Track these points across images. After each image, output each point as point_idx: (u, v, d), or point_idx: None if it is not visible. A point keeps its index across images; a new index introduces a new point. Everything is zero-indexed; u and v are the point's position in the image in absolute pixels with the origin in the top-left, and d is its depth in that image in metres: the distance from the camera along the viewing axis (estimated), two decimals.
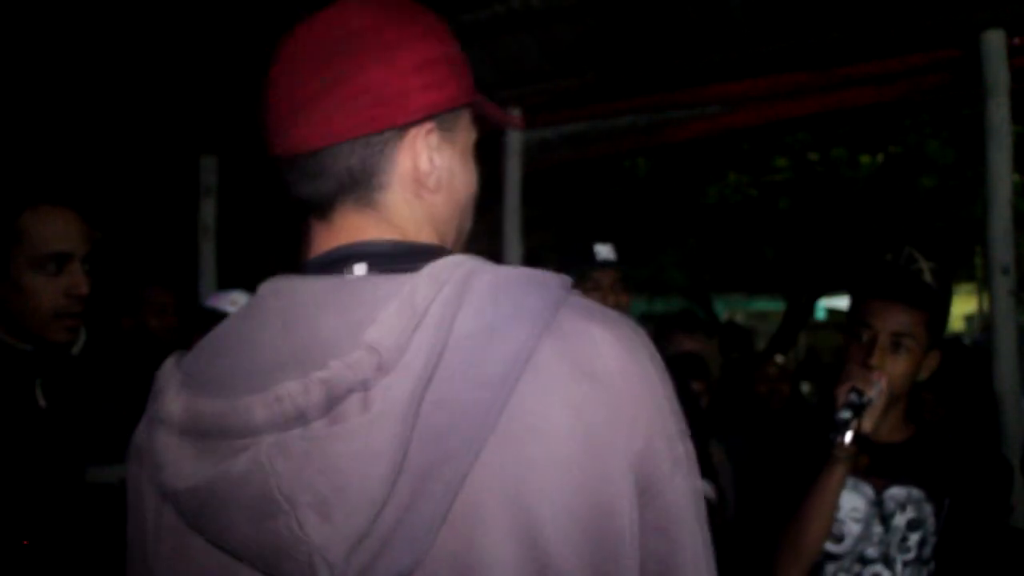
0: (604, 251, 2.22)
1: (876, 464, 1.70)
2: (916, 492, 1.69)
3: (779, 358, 4.04)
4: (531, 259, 3.56)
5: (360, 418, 0.68)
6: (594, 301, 0.82)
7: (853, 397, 1.62)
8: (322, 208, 0.83)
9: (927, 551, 1.68)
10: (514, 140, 3.61)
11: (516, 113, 3.59)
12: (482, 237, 0.68)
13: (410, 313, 0.71)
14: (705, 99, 3.60)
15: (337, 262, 0.81)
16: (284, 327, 0.77)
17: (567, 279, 0.78)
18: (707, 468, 2.16)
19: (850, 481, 1.67)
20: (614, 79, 3.42)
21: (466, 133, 0.89)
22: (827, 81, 3.36)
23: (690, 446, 0.79)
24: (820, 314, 15.53)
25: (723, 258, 10.86)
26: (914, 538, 1.67)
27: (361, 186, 0.82)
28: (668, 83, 3.51)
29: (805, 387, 7.47)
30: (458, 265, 0.75)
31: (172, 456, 0.74)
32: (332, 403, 0.69)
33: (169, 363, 0.81)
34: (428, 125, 0.83)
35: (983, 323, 14.23)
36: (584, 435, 0.72)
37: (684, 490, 0.77)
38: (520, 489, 0.70)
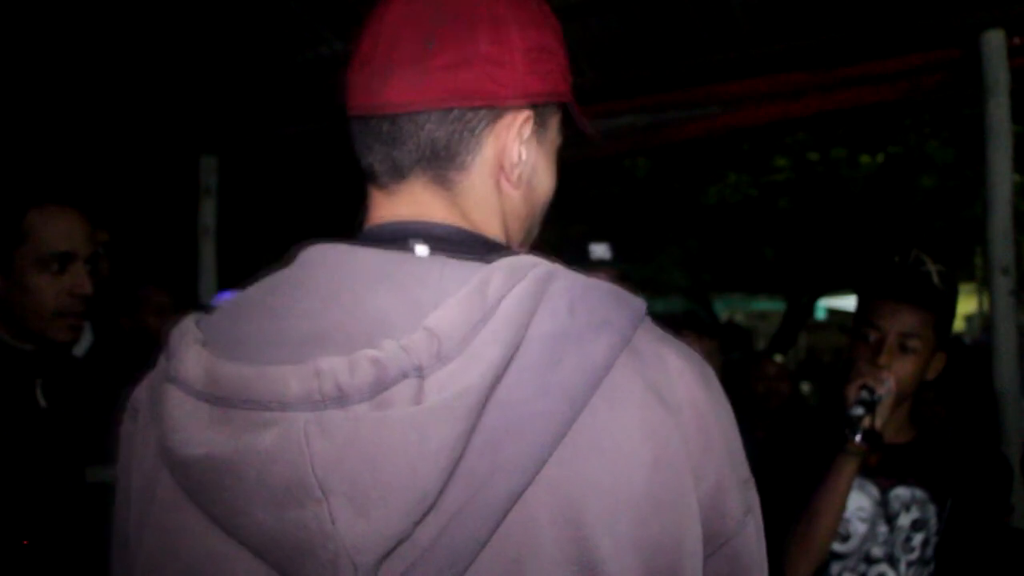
0: (599, 250, 2.22)
1: (882, 464, 1.72)
2: (920, 493, 1.71)
3: (778, 357, 4.05)
4: None
5: (414, 408, 0.60)
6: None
7: (864, 394, 1.64)
8: (391, 178, 0.77)
9: (929, 551, 1.69)
10: None
11: None
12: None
13: (480, 304, 0.64)
14: (705, 99, 3.60)
15: (395, 238, 0.74)
16: (329, 296, 0.69)
17: (643, 301, 0.72)
18: None
19: (856, 481, 1.68)
20: (614, 79, 3.42)
21: (556, 134, 0.84)
22: (827, 81, 3.36)
23: (756, 495, 0.74)
24: (820, 314, 15.53)
25: (723, 258, 10.87)
26: (918, 538, 1.69)
27: (440, 162, 0.75)
28: (668, 83, 3.51)
29: (805, 387, 7.47)
30: (535, 264, 0.68)
31: (185, 419, 0.65)
32: (380, 387, 0.61)
33: (187, 322, 0.73)
34: (525, 113, 0.77)
35: (983, 323, 14.24)
36: (656, 464, 0.66)
37: (754, 539, 0.72)
38: (582, 513, 0.63)
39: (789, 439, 1.88)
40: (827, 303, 15.71)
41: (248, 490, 0.62)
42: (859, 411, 1.64)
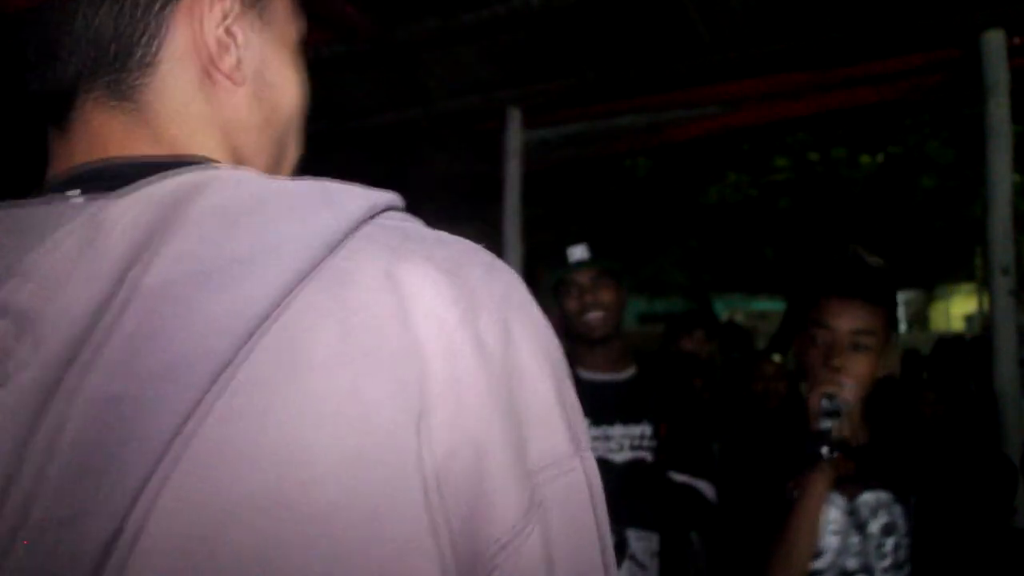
0: (577, 252, 2.20)
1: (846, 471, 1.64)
2: (884, 495, 1.62)
3: (776, 357, 4.05)
4: (531, 259, 3.57)
5: None
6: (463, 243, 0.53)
7: (826, 403, 1.55)
8: (58, 104, 0.55)
9: (902, 554, 1.62)
10: (514, 140, 3.61)
11: (516, 113, 3.60)
12: (482, 237, 0.59)
13: (76, 254, 0.45)
14: (705, 99, 3.60)
15: (56, 191, 0.53)
16: None
17: (384, 195, 0.51)
18: (710, 469, 2.16)
19: None
20: (614, 79, 3.42)
21: (287, 19, 0.62)
22: (827, 81, 3.36)
23: (562, 486, 0.49)
24: None
25: (723, 258, 10.87)
26: (889, 543, 1.61)
27: (113, 62, 0.53)
28: (668, 83, 3.51)
29: (804, 387, 7.49)
30: (183, 175, 0.48)
31: None
32: None
33: None
34: None
35: (983, 323, 14.24)
36: (355, 456, 0.43)
37: (539, 560, 0.46)
38: (238, 519, 0.42)
39: (771, 444, 1.79)
40: None
41: None
42: (827, 424, 1.53)
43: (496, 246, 3.61)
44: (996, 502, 1.99)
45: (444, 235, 0.52)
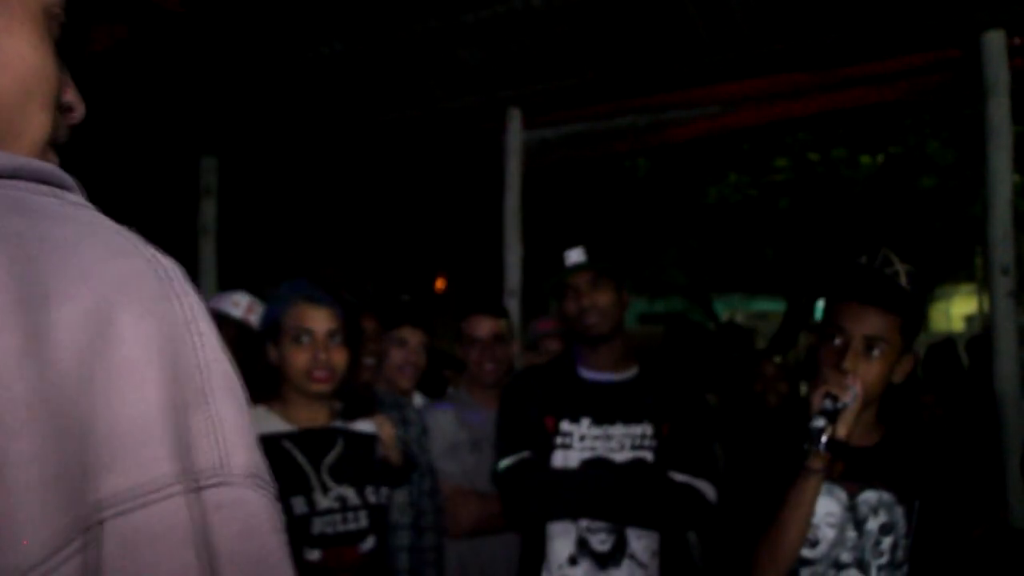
0: (574, 255, 2.20)
1: (849, 468, 1.69)
2: (887, 496, 1.68)
3: (776, 358, 4.05)
4: (531, 259, 3.57)
5: None
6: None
7: (827, 403, 1.61)
8: None
9: (899, 554, 1.68)
10: (514, 140, 3.61)
11: (516, 113, 3.59)
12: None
13: None
14: (705, 99, 3.60)
15: None
16: None
17: (25, 162, 0.47)
18: (713, 469, 2.16)
19: (825, 486, 1.66)
20: (614, 79, 3.42)
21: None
22: (827, 81, 3.36)
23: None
24: (820, 314, 15.52)
25: (723, 258, 10.87)
26: (887, 542, 1.67)
27: None
28: (668, 83, 3.51)
29: (805, 387, 7.49)
30: None
31: None
32: None
33: None
34: None
35: (983, 323, 14.22)
36: None
37: None
38: None
39: (769, 440, 1.86)
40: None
41: None
42: (821, 422, 1.60)
43: (496, 246, 3.60)
44: (985, 498, 2.00)
45: (85, 215, 0.43)
